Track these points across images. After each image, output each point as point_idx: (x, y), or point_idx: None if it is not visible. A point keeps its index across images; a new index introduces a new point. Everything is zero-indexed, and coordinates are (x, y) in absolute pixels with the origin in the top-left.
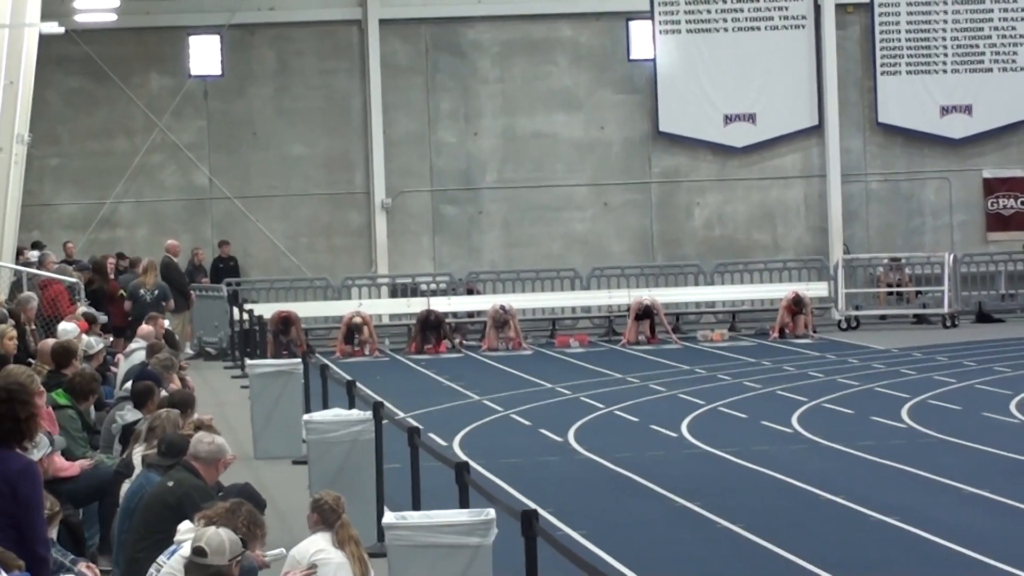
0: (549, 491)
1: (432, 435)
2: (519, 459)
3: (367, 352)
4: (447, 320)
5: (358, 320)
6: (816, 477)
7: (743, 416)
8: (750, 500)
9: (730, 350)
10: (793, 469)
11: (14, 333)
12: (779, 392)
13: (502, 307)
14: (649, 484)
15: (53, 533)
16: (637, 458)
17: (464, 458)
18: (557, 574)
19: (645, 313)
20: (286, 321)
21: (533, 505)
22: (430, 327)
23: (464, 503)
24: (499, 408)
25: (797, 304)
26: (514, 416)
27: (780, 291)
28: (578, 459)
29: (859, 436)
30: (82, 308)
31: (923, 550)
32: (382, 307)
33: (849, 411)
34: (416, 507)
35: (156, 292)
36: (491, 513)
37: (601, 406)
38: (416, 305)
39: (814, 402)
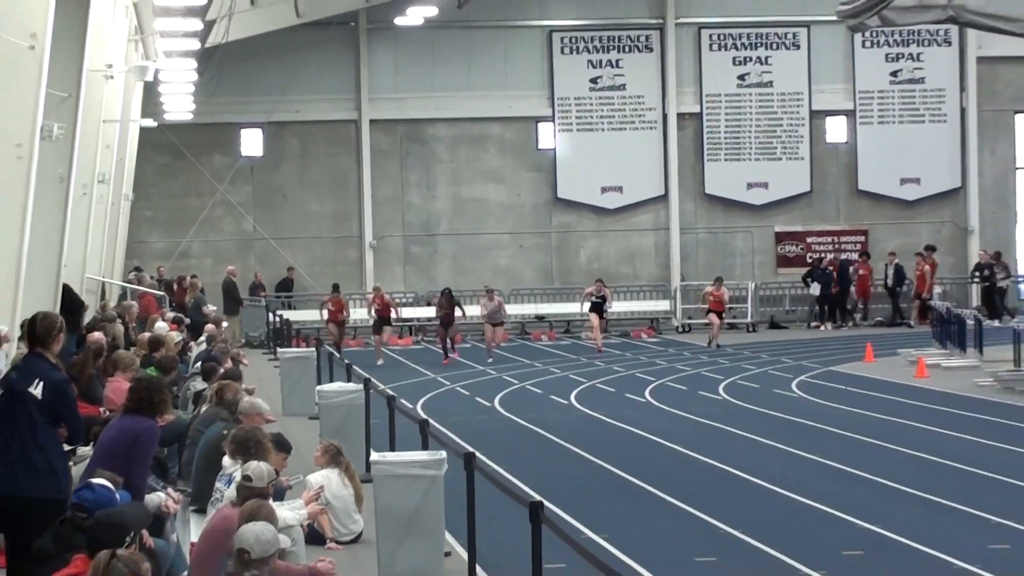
0: (482, 439)
1: (403, 400)
2: (461, 418)
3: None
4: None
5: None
6: (661, 432)
7: (612, 390)
8: (616, 447)
9: (604, 346)
10: (645, 426)
11: (179, 339)
12: (637, 374)
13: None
14: (548, 435)
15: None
16: (540, 417)
17: (424, 416)
18: (488, 496)
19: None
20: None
21: (471, 449)
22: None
23: (424, 447)
24: (447, 383)
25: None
26: (458, 388)
27: (638, 306)
28: (500, 418)
29: (691, 405)
30: (170, 313)
31: (732, 481)
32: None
33: (683, 387)
34: (392, 449)
35: (193, 301)
36: (443, 454)
37: (516, 382)
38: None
39: (660, 381)
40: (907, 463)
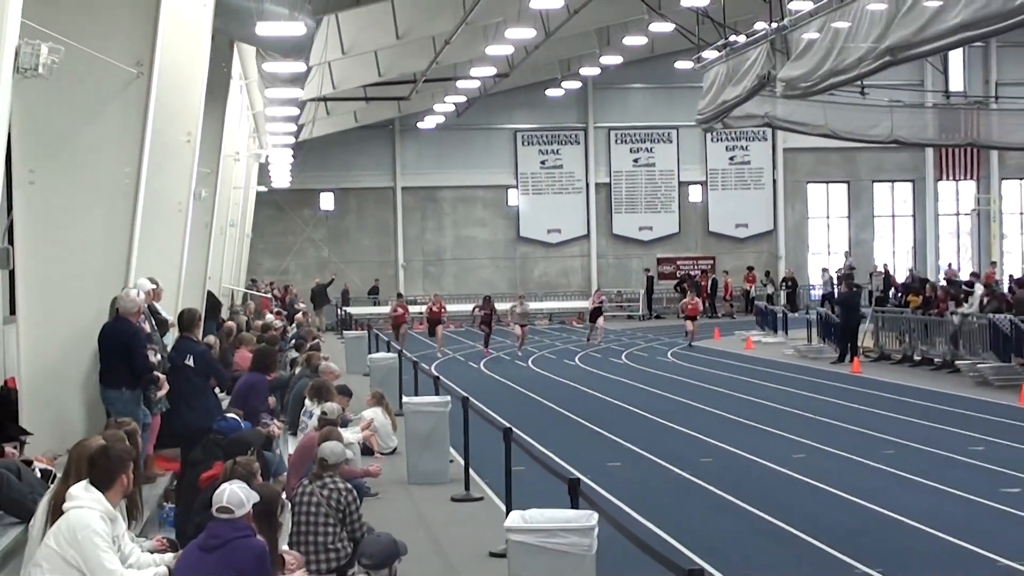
0: (473, 389)
1: (423, 365)
2: (461, 376)
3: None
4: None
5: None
6: (583, 382)
7: (554, 358)
8: (553, 392)
9: (549, 330)
10: (574, 379)
11: (280, 325)
12: (570, 347)
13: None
14: (514, 386)
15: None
16: (510, 374)
17: (436, 374)
18: (477, 425)
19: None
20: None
21: (465, 394)
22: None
23: (437, 393)
24: (461, 358)
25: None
26: (458, 357)
27: (570, 304)
28: (486, 376)
29: (604, 366)
30: (276, 309)
31: (623, 411)
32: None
33: (598, 355)
34: (416, 394)
35: (290, 300)
36: (448, 398)
37: (493, 352)
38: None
39: (583, 352)
40: (737, 403)
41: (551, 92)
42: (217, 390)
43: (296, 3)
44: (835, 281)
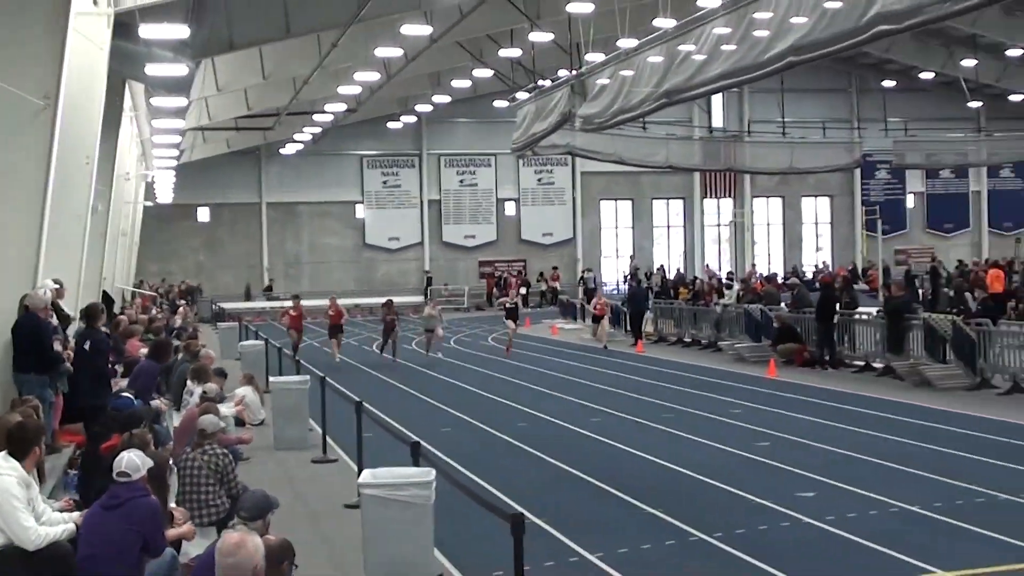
0: (328, 371)
1: (285, 351)
2: (325, 359)
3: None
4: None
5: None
6: (422, 363)
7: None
8: (394, 376)
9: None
10: (416, 362)
11: (162, 318)
12: (407, 335)
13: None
14: (357, 364)
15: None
16: (364, 359)
17: (298, 359)
18: (333, 399)
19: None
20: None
21: (322, 374)
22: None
23: (298, 373)
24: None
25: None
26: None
27: (408, 299)
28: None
29: (474, 346)
30: (160, 304)
31: (445, 383)
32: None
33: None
34: (280, 375)
35: (172, 299)
36: (308, 377)
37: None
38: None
39: (419, 337)
40: (545, 377)
41: (391, 124)
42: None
43: (179, 48)
44: (625, 278)
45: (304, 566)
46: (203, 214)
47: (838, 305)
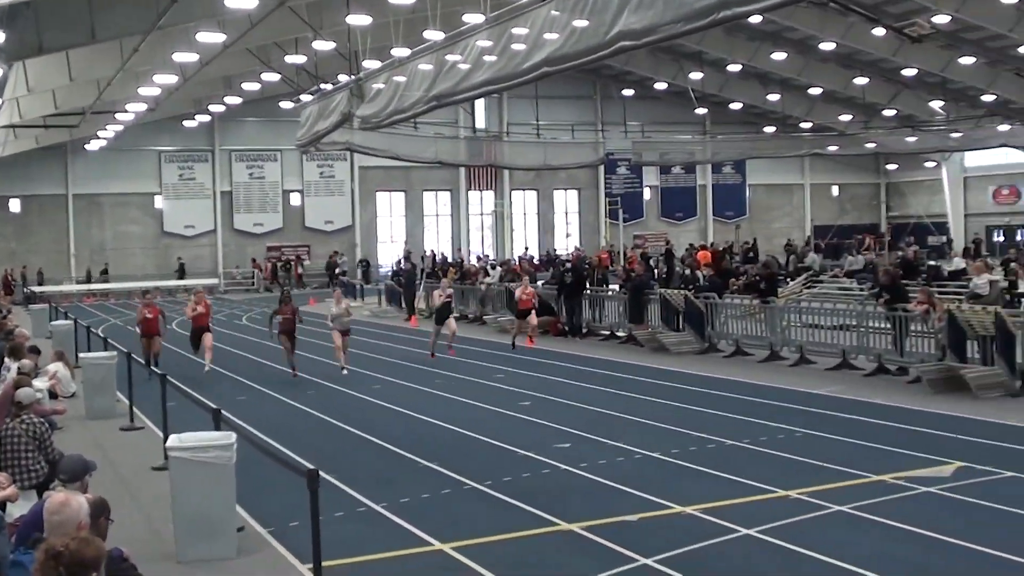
0: (133, 348)
1: (94, 329)
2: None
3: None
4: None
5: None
6: (218, 339)
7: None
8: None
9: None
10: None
11: None
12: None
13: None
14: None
15: None
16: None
17: (103, 335)
18: (139, 374)
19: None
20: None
21: (126, 351)
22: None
23: (106, 350)
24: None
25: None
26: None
27: (204, 281)
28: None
29: (232, 327)
30: None
31: (245, 360)
32: None
33: (224, 319)
34: (89, 351)
35: None
36: (116, 353)
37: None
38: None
39: (231, 312)
40: (326, 350)
41: (187, 123)
42: None
43: None
44: (400, 262)
45: (119, 523)
46: (14, 205)
47: (588, 283)
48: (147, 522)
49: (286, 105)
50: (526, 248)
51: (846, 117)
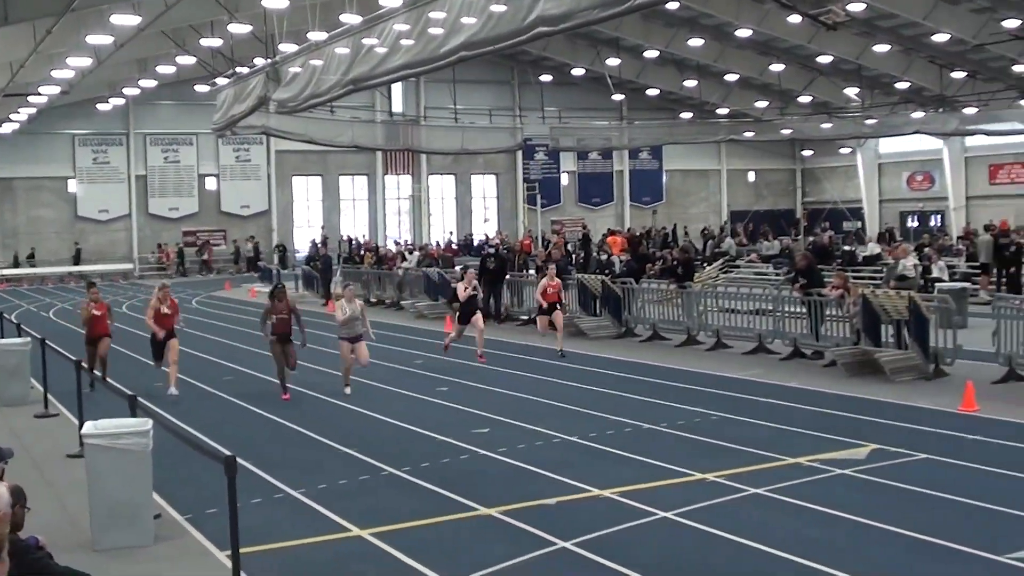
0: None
1: (7, 315)
2: (49, 328)
3: None
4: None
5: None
6: (137, 326)
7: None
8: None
9: (104, 286)
10: (131, 325)
11: None
12: (117, 299)
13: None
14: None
15: None
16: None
17: (16, 322)
18: (54, 360)
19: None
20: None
21: (41, 336)
22: None
23: (19, 336)
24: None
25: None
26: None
27: (120, 268)
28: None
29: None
30: None
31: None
32: None
33: (142, 304)
34: (2, 337)
35: None
36: (30, 340)
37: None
38: None
39: (129, 302)
40: (246, 336)
41: (101, 106)
42: None
43: None
44: (316, 247)
45: (35, 511)
46: None
47: (509, 268)
48: (63, 510)
49: (202, 89)
50: (450, 233)
51: (762, 103)
